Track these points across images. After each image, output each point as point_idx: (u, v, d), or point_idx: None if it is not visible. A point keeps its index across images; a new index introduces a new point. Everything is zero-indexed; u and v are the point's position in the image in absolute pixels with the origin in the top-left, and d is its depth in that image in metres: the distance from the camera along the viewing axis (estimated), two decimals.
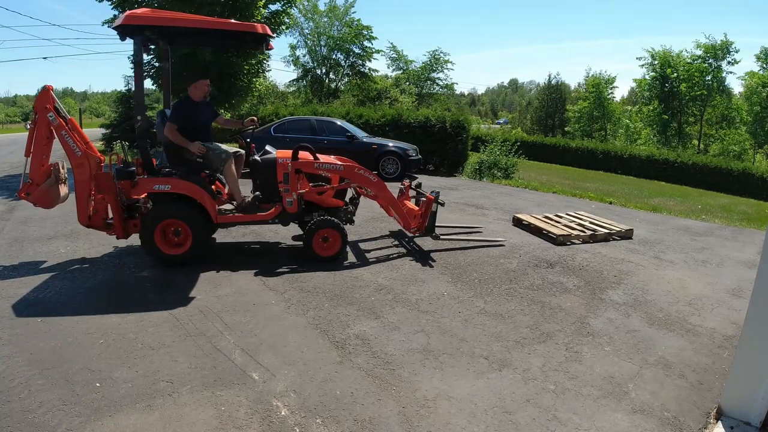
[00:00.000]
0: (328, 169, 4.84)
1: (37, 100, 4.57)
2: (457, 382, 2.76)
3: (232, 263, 4.66)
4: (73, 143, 4.57)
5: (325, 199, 4.91)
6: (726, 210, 9.79)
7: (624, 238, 6.03)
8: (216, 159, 4.56)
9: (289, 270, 4.49)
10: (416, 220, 5.08)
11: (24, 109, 66.78)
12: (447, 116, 13.48)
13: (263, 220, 4.76)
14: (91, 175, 4.57)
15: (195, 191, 4.37)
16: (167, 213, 4.38)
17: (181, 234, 4.46)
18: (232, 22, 4.38)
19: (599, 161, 23.21)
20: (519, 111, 63.37)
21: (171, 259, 4.44)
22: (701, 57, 29.15)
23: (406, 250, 5.25)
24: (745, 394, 2.43)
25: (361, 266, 4.65)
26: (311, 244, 4.65)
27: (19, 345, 3.01)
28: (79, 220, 4.63)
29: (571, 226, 6.09)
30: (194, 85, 4.60)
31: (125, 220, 4.52)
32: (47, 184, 4.66)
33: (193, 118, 4.53)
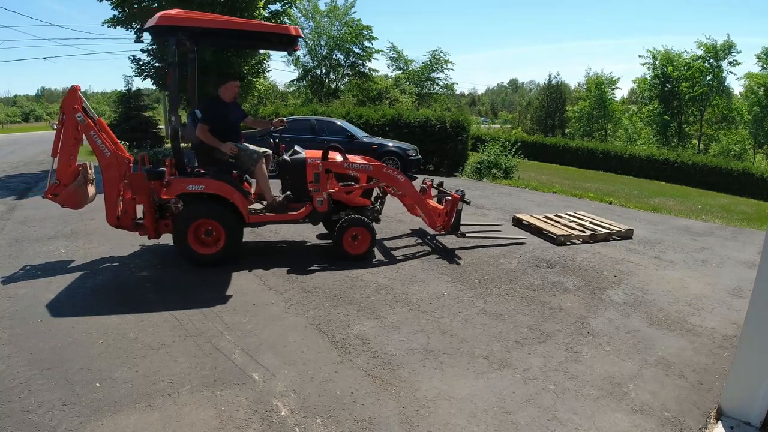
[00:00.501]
0: (358, 168, 4.93)
1: (64, 100, 4.55)
2: (457, 382, 2.76)
3: (232, 263, 4.66)
4: (102, 144, 4.58)
5: (353, 199, 4.99)
6: (726, 210, 9.79)
7: (624, 238, 6.03)
8: (247, 159, 4.60)
9: (289, 270, 4.49)
10: (441, 218, 5.17)
11: (24, 109, 66.84)
12: (447, 116, 13.49)
13: (294, 220, 4.81)
14: (120, 175, 4.59)
15: (228, 191, 4.41)
16: (200, 213, 4.41)
17: (212, 234, 4.50)
18: (265, 23, 4.41)
19: (599, 161, 23.21)
20: (519, 111, 63.36)
21: (204, 259, 4.47)
22: (702, 57, 29.14)
23: (431, 248, 5.33)
24: (745, 394, 2.43)
25: (361, 266, 4.65)
26: (341, 243, 4.71)
27: (19, 345, 3.01)
28: (107, 220, 4.64)
29: (571, 226, 6.09)
30: (225, 86, 4.63)
31: (156, 221, 4.55)
32: (76, 184, 4.63)
33: (223, 119, 4.55)
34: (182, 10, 4.22)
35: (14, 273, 4.28)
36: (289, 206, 4.74)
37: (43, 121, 59.15)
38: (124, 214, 4.65)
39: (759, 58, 28.84)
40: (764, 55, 28.56)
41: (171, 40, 4.23)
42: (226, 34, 4.65)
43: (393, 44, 37.73)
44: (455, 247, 5.35)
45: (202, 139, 4.44)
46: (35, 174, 10.91)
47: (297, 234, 5.76)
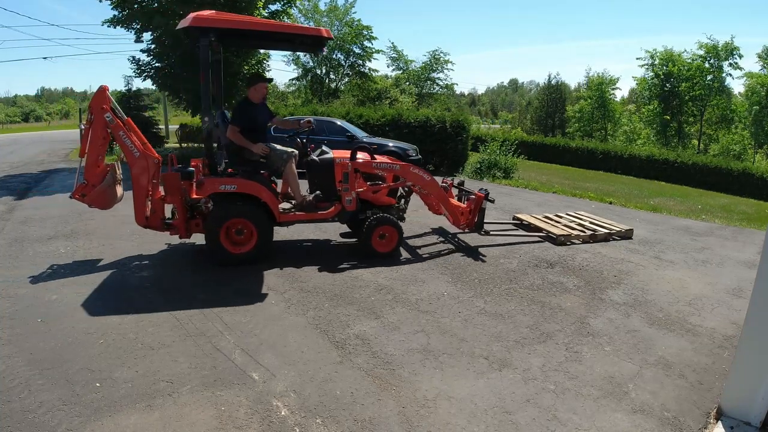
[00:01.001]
0: (385, 168, 5.04)
1: (93, 100, 4.56)
2: (457, 382, 2.76)
3: (232, 263, 4.66)
4: (131, 144, 4.58)
5: (379, 198, 5.07)
6: (726, 210, 9.79)
7: (624, 238, 6.03)
8: (278, 159, 4.66)
9: (289, 270, 4.49)
10: (464, 217, 5.30)
11: (24, 109, 66.79)
12: (447, 116, 13.50)
13: (323, 219, 4.89)
14: (149, 175, 4.61)
15: (260, 191, 4.47)
16: (233, 212, 4.45)
17: (243, 233, 4.54)
18: (298, 26, 4.46)
19: (599, 161, 23.20)
20: (519, 111, 63.35)
21: (236, 258, 4.51)
22: (702, 57, 29.13)
23: (454, 246, 5.42)
24: (745, 394, 2.43)
25: (361, 266, 4.65)
26: (370, 241, 4.79)
27: (19, 345, 3.01)
28: (136, 220, 4.67)
29: (571, 226, 6.10)
30: (254, 87, 4.67)
31: (187, 220, 4.59)
32: (105, 184, 4.64)
33: (253, 120, 4.60)
34: (214, 12, 4.27)
35: (15, 273, 4.27)
36: (318, 205, 4.81)
37: (43, 121, 59.17)
38: (152, 214, 4.68)
39: (760, 57, 28.85)
40: (765, 54, 28.56)
41: (203, 41, 4.25)
42: (258, 35, 4.69)
43: (393, 44, 37.73)
44: (478, 245, 5.48)
45: (233, 140, 4.49)
46: (35, 174, 10.91)
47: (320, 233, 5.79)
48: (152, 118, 17.05)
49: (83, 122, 4.60)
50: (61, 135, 28.04)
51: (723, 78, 29.32)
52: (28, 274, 4.25)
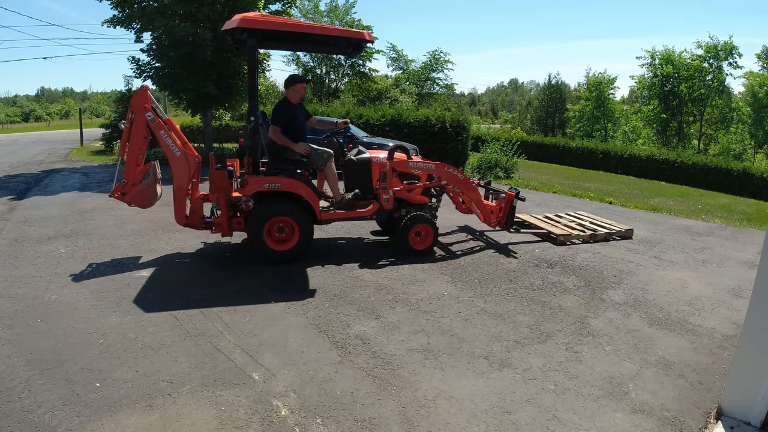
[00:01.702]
0: (422, 168, 5.20)
1: (134, 100, 4.61)
2: (457, 382, 2.76)
3: (232, 263, 4.67)
4: (172, 143, 4.63)
5: (414, 196, 5.18)
6: (726, 210, 9.79)
7: (624, 238, 6.03)
8: (318, 158, 4.76)
9: (289, 270, 4.49)
10: (494, 215, 5.48)
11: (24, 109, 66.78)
12: (447, 116, 13.50)
13: (362, 217, 5.01)
14: (189, 174, 4.67)
15: (303, 189, 4.58)
16: (276, 211, 4.54)
17: (284, 231, 4.62)
18: (341, 29, 4.55)
19: (599, 161, 23.19)
20: (519, 111, 63.30)
21: (279, 255, 4.60)
22: (702, 57, 29.12)
23: (484, 244, 5.60)
24: (745, 394, 2.43)
25: (361, 266, 4.65)
26: (406, 239, 4.93)
27: (19, 345, 3.01)
28: (176, 219, 4.73)
29: (571, 226, 6.10)
30: (293, 88, 4.75)
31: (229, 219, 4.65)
32: (146, 183, 4.68)
33: (292, 120, 4.69)
34: (259, 14, 4.29)
35: (15, 273, 4.27)
36: (356, 204, 4.95)
37: (43, 121, 59.16)
38: (192, 213, 4.75)
39: (759, 57, 28.84)
40: (764, 54, 28.55)
41: (249, 43, 4.33)
42: (299, 38, 4.76)
43: (393, 44, 37.75)
44: (534, 241, 5.65)
45: (275, 140, 4.58)
46: (35, 174, 10.91)
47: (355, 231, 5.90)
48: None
49: (124, 122, 4.65)
50: (61, 135, 28.03)
51: (723, 78, 29.30)
52: (28, 274, 4.25)
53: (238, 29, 4.18)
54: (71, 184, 9.39)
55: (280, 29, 4.37)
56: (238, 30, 4.20)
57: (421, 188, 5.23)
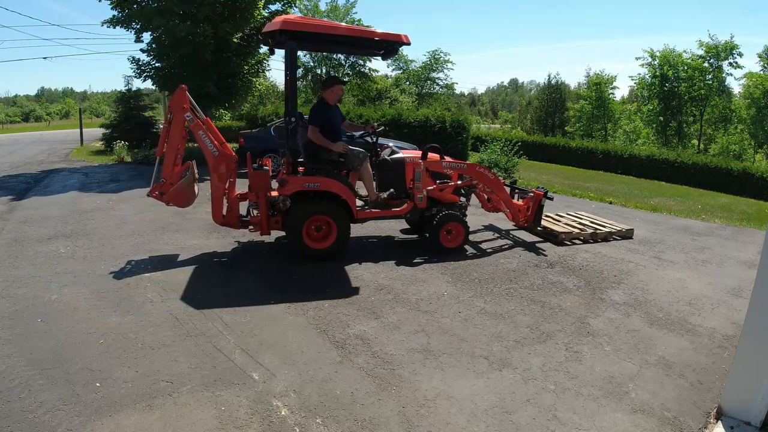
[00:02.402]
0: (454, 168, 5.36)
1: (172, 100, 4.66)
2: (457, 382, 2.76)
3: (232, 263, 4.67)
4: (210, 143, 4.68)
5: (445, 195, 5.30)
6: (726, 210, 9.79)
7: (624, 237, 6.03)
8: (354, 158, 4.82)
9: (289, 270, 4.49)
10: (522, 214, 5.66)
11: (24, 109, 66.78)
12: (447, 116, 13.51)
13: (397, 215, 5.12)
14: (227, 174, 4.74)
15: (341, 189, 4.66)
16: (316, 209, 4.63)
17: (322, 229, 4.73)
18: (379, 32, 4.62)
19: (599, 161, 23.18)
20: (519, 111, 63.27)
21: (318, 253, 4.70)
22: (702, 57, 29.09)
23: (513, 242, 5.70)
24: (745, 394, 2.43)
25: (361, 266, 4.65)
26: (438, 237, 5.05)
27: (19, 345, 3.01)
28: (213, 218, 4.81)
29: (572, 225, 6.10)
30: (331, 89, 4.83)
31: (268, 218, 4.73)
32: (185, 182, 4.73)
33: (329, 121, 4.77)
34: (300, 17, 4.35)
35: (14, 273, 4.27)
36: (390, 203, 5.04)
37: (43, 121, 59.15)
38: (229, 212, 4.81)
39: (760, 57, 28.81)
40: (765, 54, 28.52)
41: (290, 44, 4.43)
42: (338, 40, 4.81)
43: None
44: (534, 241, 5.70)
45: (314, 140, 4.63)
46: (35, 174, 10.91)
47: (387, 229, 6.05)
48: (152, 118, 16.99)
49: (163, 122, 4.73)
50: (61, 135, 28.04)
51: (723, 78, 29.29)
52: (28, 274, 4.25)
53: (279, 31, 4.24)
54: (71, 184, 9.39)
55: (320, 32, 4.44)
56: (278, 32, 4.26)
57: (453, 188, 5.37)
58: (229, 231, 5.79)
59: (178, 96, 4.62)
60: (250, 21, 12.63)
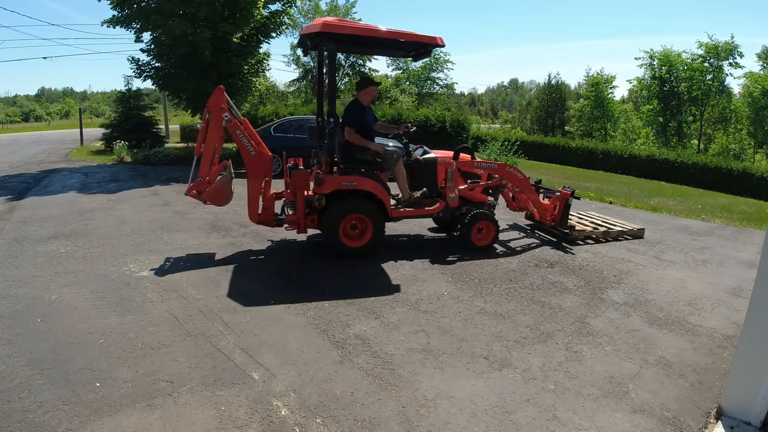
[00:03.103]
0: (485, 168, 5.54)
1: (211, 100, 4.70)
2: (457, 381, 2.76)
3: (232, 263, 4.67)
4: (248, 143, 4.74)
5: (475, 195, 5.42)
6: (726, 210, 9.78)
7: (636, 237, 6.11)
8: (389, 158, 4.96)
9: (289, 270, 4.49)
10: (549, 213, 5.77)
11: (24, 109, 66.76)
12: (447, 116, 13.51)
13: (429, 214, 5.26)
14: (263, 173, 4.82)
15: (377, 188, 4.77)
16: (352, 208, 4.73)
17: (357, 228, 4.84)
18: (416, 34, 4.70)
19: (599, 161, 23.17)
20: (519, 111, 63.24)
21: (353, 251, 4.81)
22: (702, 56, 29.08)
23: (541, 241, 5.81)
24: (745, 394, 2.43)
25: (361, 266, 4.65)
26: (469, 235, 5.16)
27: (19, 345, 3.01)
28: (249, 217, 4.89)
29: (584, 223, 6.16)
30: (365, 90, 4.92)
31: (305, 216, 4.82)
32: (223, 181, 4.81)
33: (363, 121, 4.86)
34: (337, 18, 4.44)
35: (14, 273, 4.27)
36: (423, 202, 5.14)
37: (43, 121, 59.14)
38: (264, 211, 4.88)
39: (759, 57, 28.80)
40: (764, 54, 28.51)
41: (329, 46, 4.53)
42: (374, 42, 4.84)
43: None
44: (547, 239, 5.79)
45: (350, 140, 4.74)
46: (35, 174, 10.91)
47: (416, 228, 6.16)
48: (152, 118, 16.99)
49: (200, 121, 4.77)
50: (61, 135, 28.04)
51: (723, 78, 29.28)
52: (28, 274, 4.25)
53: (317, 34, 4.31)
54: (71, 184, 9.39)
55: (358, 34, 4.49)
56: (317, 35, 4.34)
57: (482, 187, 5.49)
58: (228, 231, 5.80)
59: (216, 96, 4.68)
60: (249, 21, 12.62)
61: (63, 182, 9.56)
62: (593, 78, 36.40)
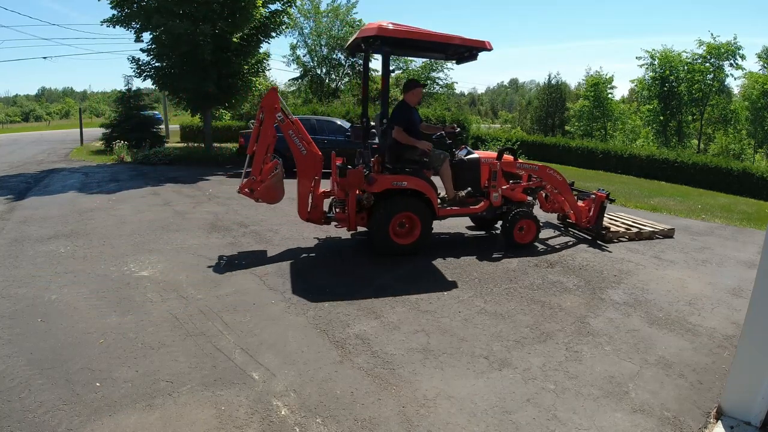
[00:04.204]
0: (526, 169, 5.75)
1: (264, 101, 4.83)
2: (457, 381, 2.76)
3: (232, 263, 4.67)
4: (299, 143, 4.88)
5: (516, 194, 5.60)
6: (726, 210, 9.78)
7: (666, 236, 6.21)
8: (436, 158, 5.12)
9: (289, 270, 4.49)
10: (584, 215, 5.93)
11: (24, 109, 66.74)
12: (447, 116, 13.50)
13: (474, 213, 5.42)
14: (313, 172, 4.95)
15: (426, 187, 4.91)
16: (402, 207, 4.86)
17: (405, 226, 5.00)
18: (466, 38, 4.81)
19: (599, 161, 23.16)
20: (519, 111, 63.23)
21: (402, 249, 4.95)
22: (702, 56, 29.07)
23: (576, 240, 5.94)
24: (745, 394, 2.43)
25: (361, 266, 4.65)
26: (512, 233, 5.35)
27: (19, 345, 3.01)
28: (300, 215, 5.11)
29: (616, 224, 6.28)
30: (412, 91, 5.07)
31: None
32: (275, 179, 4.92)
33: (411, 121, 4.98)
34: (392, 22, 4.56)
35: (14, 273, 4.27)
36: (467, 201, 5.32)
37: (43, 121, 59.13)
38: (313, 209, 5.02)
39: (759, 57, 28.79)
40: (765, 54, 28.50)
41: (384, 50, 4.70)
42: (425, 46, 4.96)
43: None
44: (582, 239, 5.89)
45: (399, 139, 4.85)
46: (35, 174, 10.91)
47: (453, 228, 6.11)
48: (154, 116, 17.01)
49: (253, 121, 4.92)
50: (61, 135, 28.04)
51: (723, 78, 29.26)
52: (28, 273, 4.25)
53: (374, 36, 4.44)
54: (71, 183, 9.39)
55: (412, 38, 4.59)
56: (373, 37, 4.46)
57: (523, 187, 5.66)
58: (228, 231, 5.80)
59: (270, 97, 4.81)
60: (249, 20, 12.62)
61: (63, 182, 9.56)
62: (592, 78, 36.40)
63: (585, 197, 6.07)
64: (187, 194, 8.24)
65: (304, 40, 27.11)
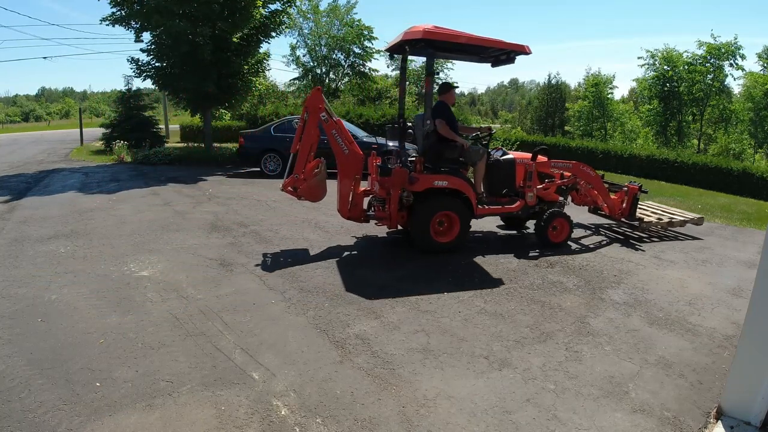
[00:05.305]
0: (561, 167, 5.83)
1: (308, 100, 4.93)
2: (457, 381, 2.76)
3: (232, 263, 4.67)
4: (342, 142, 4.95)
5: (549, 194, 5.68)
6: (726, 210, 9.77)
7: (696, 224, 6.38)
8: (475, 153, 5.21)
9: (289, 270, 4.49)
10: (618, 207, 6.03)
11: (24, 109, 66.74)
12: None
13: (510, 212, 5.52)
14: (355, 171, 5.03)
15: (465, 186, 5.03)
16: (442, 205, 4.98)
17: (444, 224, 5.10)
18: (506, 42, 4.92)
19: (599, 161, 23.12)
20: (519, 111, 63.22)
21: (442, 247, 5.06)
22: (703, 57, 29.06)
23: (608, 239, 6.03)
24: (745, 394, 2.43)
25: (361, 266, 4.65)
26: (546, 232, 5.42)
27: (19, 345, 3.01)
28: (341, 213, 5.24)
29: (647, 214, 6.36)
30: (448, 93, 5.30)
31: None
32: (319, 178, 5.00)
33: (452, 119, 5.15)
34: (435, 26, 4.63)
35: (14, 273, 4.27)
36: (503, 200, 5.47)
37: (43, 121, 59.13)
38: (353, 207, 5.10)
39: (760, 57, 28.78)
40: (765, 54, 28.49)
41: (428, 52, 4.85)
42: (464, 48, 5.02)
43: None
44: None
45: (442, 132, 4.99)
46: (35, 174, 10.91)
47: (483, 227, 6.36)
48: (152, 118, 16.98)
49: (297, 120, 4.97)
50: (61, 135, 28.03)
51: (723, 78, 29.26)
52: (28, 273, 4.25)
53: (419, 39, 4.54)
54: (71, 184, 9.39)
55: (455, 41, 4.71)
56: (418, 40, 4.57)
57: (556, 186, 5.74)
58: (228, 231, 5.80)
59: (314, 97, 4.92)
60: (249, 20, 12.61)
61: (63, 182, 9.56)
62: (592, 78, 36.40)
63: (617, 190, 6.16)
64: (187, 194, 8.24)
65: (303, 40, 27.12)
